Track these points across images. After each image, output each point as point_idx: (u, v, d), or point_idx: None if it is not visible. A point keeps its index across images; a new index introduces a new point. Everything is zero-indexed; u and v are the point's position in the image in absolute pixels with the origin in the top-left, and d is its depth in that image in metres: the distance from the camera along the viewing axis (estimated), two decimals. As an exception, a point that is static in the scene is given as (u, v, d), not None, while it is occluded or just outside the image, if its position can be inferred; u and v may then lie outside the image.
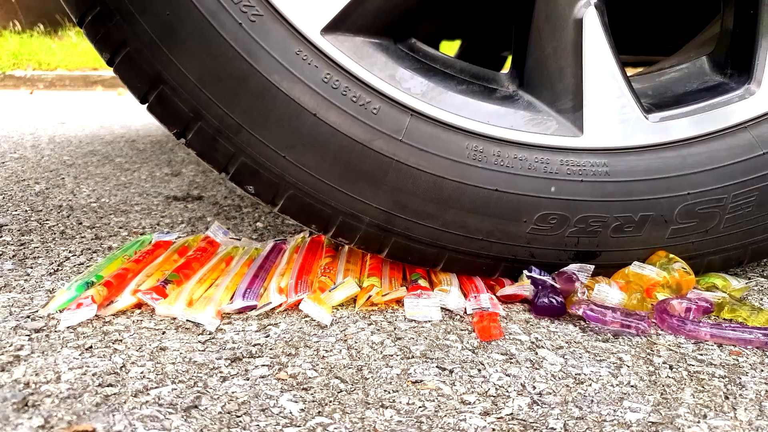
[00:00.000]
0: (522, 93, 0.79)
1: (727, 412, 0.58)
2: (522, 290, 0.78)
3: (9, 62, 5.32)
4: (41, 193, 1.33)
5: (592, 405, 0.58)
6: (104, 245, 0.99)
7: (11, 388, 0.57)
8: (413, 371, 0.63)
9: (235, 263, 0.87)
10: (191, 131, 0.75)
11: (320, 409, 0.56)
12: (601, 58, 0.75)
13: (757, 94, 0.77)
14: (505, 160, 0.76)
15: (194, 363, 0.63)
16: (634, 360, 0.67)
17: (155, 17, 0.70)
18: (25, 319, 0.71)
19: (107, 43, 0.72)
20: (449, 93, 0.77)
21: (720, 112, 0.77)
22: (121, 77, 0.74)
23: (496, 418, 0.56)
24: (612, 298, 0.74)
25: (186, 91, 0.72)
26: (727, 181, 0.77)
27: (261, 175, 0.76)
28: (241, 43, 0.71)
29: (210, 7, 0.69)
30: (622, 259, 0.80)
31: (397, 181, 0.75)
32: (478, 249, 0.79)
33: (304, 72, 0.72)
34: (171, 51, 0.71)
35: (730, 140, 0.77)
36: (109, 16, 0.70)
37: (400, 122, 0.74)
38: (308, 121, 0.73)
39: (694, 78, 0.82)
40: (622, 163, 0.76)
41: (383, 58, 0.75)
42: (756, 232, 0.80)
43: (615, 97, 0.76)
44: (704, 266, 0.82)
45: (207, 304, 0.74)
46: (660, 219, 0.77)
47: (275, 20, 0.71)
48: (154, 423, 0.53)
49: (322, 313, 0.73)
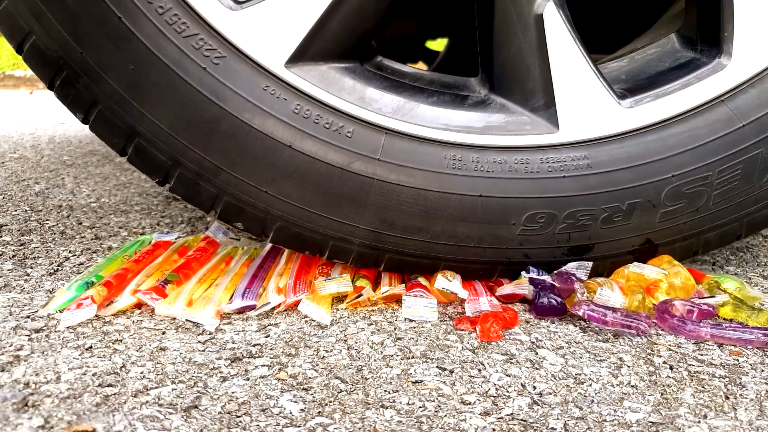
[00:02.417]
0: (494, 96, 0.79)
1: (728, 413, 0.58)
2: (520, 289, 0.78)
3: (9, 62, 5.29)
4: (41, 193, 1.33)
5: (593, 405, 0.58)
6: (104, 245, 0.99)
7: (11, 388, 0.57)
8: (413, 371, 0.63)
9: (235, 263, 0.87)
10: (173, 178, 0.76)
11: (320, 410, 0.56)
12: (566, 52, 0.75)
13: (729, 66, 0.75)
14: (485, 165, 0.76)
15: (194, 363, 0.63)
16: (635, 360, 0.66)
17: (121, 73, 0.71)
18: (25, 319, 0.71)
19: (79, 104, 0.73)
20: (421, 106, 0.77)
21: (694, 88, 0.76)
22: (97, 135, 0.76)
23: (496, 418, 0.56)
24: (614, 302, 0.74)
25: (161, 140, 0.73)
26: (710, 158, 0.76)
27: (246, 211, 0.77)
28: (208, 86, 0.71)
29: (172, 55, 0.70)
30: (616, 249, 0.79)
31: (380, 200, 0.76)
32: (472, 256, 0.79)
33: (273, 106, 0.73)
34: (141, 104, 0.72)
35: (709, 116, 0.76)
36: (76, 78, 0.71)
37: (375, 142, 0.75)
38: (284, 153, 0.74)
39: (666, 57, 0.82)
40: (602, 153, 0.76)
41: (350, 81, 0.76)
42: (747, 204, 0.78)
43: (586, 89, 0.75)
44: (701, 245, 0.81)
45: (206, 304, 0.74)
46: (648, 204, 0.77)
47: (239, 59, 0.72)
48: (154, 423, 0.53)
49: (321, 313, 0.73)
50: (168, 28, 0.70)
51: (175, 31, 0.70)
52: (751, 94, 0.76)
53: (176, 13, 0.70)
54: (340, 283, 0.78)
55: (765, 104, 0.75)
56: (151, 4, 0.69)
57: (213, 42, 0.71)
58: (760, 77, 0.76)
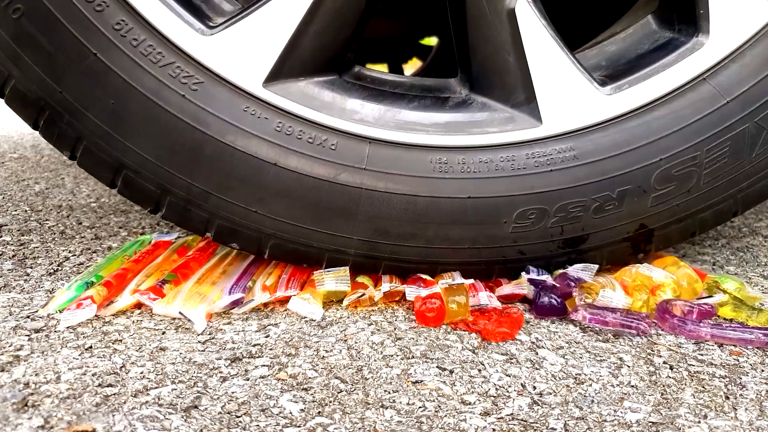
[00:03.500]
0: (474, 96, 0.78)
1: (728, 413, 0.57)
2: (519, 289, 0.78)
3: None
4: (41, 193, 1.32)
5: (593, 405, 0.58)
6: (104, 245, 0.99)
7: (11, 388, 0.57)
8: (413, 371, 0.63)
9: (229, 263, 0.87)
10: (163, 206, 0.76)
11: (320, 410, 0.56)
12: (542, 45, 0.74)
13: (708, 43, 0.75)
14: (471, 166, 0.76)
15: (194, 363, 0.63)
16: (635, 360, 0.66)
17: (102, 109, 0.71)
18: (25, 319, 0.72)
19: (64, 142, 0.74)
20: (402, 112, 0.77)
21: (675, 69, 0.75)
22: (85, 170, 0.76)
23: (496, 418, 0.55)
24: (617, 303, 0.74)
25: (147, 170, 0.74)
26: (696, 138, 0.75)
27: (240, 232, 0.77)
28: (189, 113, 0.72)
29: (151, 86, 0.71)
30: (611, 237, 0.78)
31: (371, 210, 0.76)
32: (468, 257, 0.79)
33: (255, 126, 0.73)
34: (124, 137, 0.72)
35: (692, 95, 0.75)
36: (58, 117, 0.72)
37: (360, 152, 0.75)
38: (270, 172, 0.74)
39: (645, 39, 0.81)
40: (588, 143, 0.75)
41: (330, 94, 0.76)
42: (739, 180, 0.78)
43: (565, 80, 0.75)
44: (697, 226, 0.80)
45: (200, 302, 0.73)
46: (638, 190, 0.76)
47: (216, 84, 0.72)
48: (154, 423, 0.53)
49: (313, 309, 0.73)
50: (144, 60, 0.71)
51: (151, 62, 0.71)
52: (732, 70, 0.75)
53: (151, 44, 0.71)
54: (338, 278, 0.77)
55: (747, 79, 0.75)
56: (125, 38, 0.70)
57: (189, 69, 0.72)
58: (740, 51, 0.75)
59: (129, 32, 0.70)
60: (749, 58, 0.75)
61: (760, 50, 0.75)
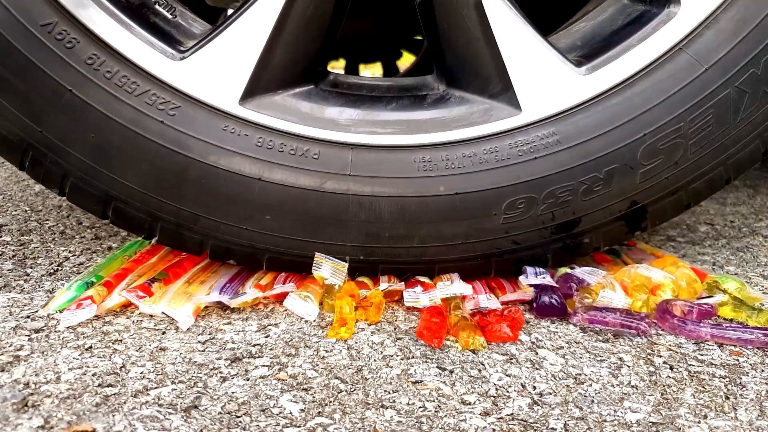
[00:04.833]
0: (452, 90, 0.78)
1: (728, 413, 0.57)
2: (524, 295, 0.78)
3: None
4: (41, 193, 1.32)
5: (593, 405, 0.58)
6: (104, 245, 0.99)
7: (11, 388, 0.57)
8: (413, 371, 0.63)
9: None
10: (156, 231, 0.77)
11: (320, 410, 0.56)
12: (513, 32, 0.74)
13: (680, 12, 0.73)
14: (455, 162, 0.75)
15: (194, 363, 0.63)
16: (635, 360, 0.66)
17: (83, 144, 0.72)
18: (25, 319, 0.72)
19: (52, 181, 0.75)
20: (382, 114, 0.77)
21: (650, 41, 0.74)
22: (76, 205, 0.78)
23: (496, 418, 0.55)
24: (616, 303, 0.74)
25: (136, 200, 0.75)
26: (679, 108, 0.74)
27: (234, 250, 0.78)
28: (169, 138, 0.73)
29: (129, 116, 0.72)
30: (604, 218, 0.78)
31: (360, 215, 0.76)
32: (463, 253, 0.79)
33: (236, 144, 0.74)
34: (109, 169, 0.73)
35: (670, 66, 0.74)
36: (42, 156, 0.73)
37: (343, 159, 0.75)
38: (256, 187, 0.74)
39: (618, 15, 0.80)
40: (570, 126, 0.75)
41: (307, 104, 0.76)
42: (727, 146, 0.76)
43: (540, 64, 0.74)
44: (691, 197, 0.79)
45: (186, 301, 0.74)
46: (626, 168, 0.75)
47: (193, 106, 0.73)
48: (154, 423, 0.53)
49: (308, 308, 0.73)
50: (119, 90, 0.72)
51: (126, 92, 0.72)
52: (708, 37, 0.74)
53: (125, 74, 0.72)
54: (335, 270, 0.77)
55: (724, 44, 0.73)
56: (99, 71, 0.71)
57: (165, 95, 0.72)
58: (713, 17, 0.74)
59: (102, 65, 0.71)
60: (723, 22, 0.74)
61: (733, 13, 0.73)
